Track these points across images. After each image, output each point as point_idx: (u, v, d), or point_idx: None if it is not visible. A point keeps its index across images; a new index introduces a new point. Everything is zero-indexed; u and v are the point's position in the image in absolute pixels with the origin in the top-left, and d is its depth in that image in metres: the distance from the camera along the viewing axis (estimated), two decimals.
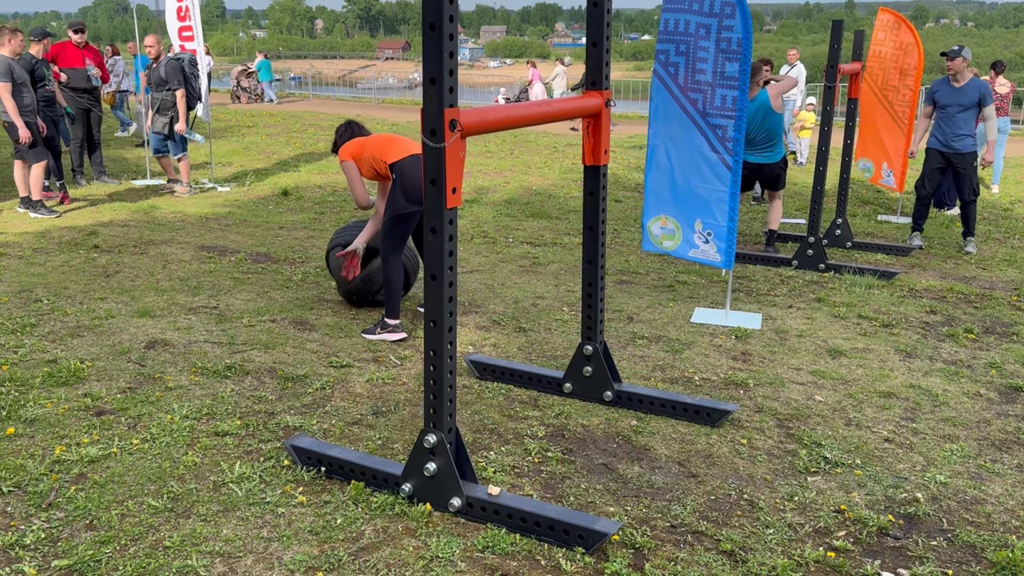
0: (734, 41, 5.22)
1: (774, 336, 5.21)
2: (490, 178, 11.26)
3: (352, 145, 5.03)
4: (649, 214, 5.71)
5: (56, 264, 6.46)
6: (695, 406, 3.96)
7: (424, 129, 2.85)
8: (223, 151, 12.97)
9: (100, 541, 2.86)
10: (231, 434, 3.69)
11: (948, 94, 7.41)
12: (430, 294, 2.99)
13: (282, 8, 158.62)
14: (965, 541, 3.00)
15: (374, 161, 4.95)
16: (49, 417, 3.78)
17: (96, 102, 9.85)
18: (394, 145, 4.95)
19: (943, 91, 7.47)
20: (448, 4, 2.76)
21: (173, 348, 4.72)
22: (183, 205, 9.06)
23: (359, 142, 5.02)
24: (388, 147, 4.94)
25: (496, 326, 5.28)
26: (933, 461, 3.61)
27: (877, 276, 6.66)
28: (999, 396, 4.35)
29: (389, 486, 3.21)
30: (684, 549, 2.91)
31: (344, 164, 5.03)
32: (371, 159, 4.96)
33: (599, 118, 3.81)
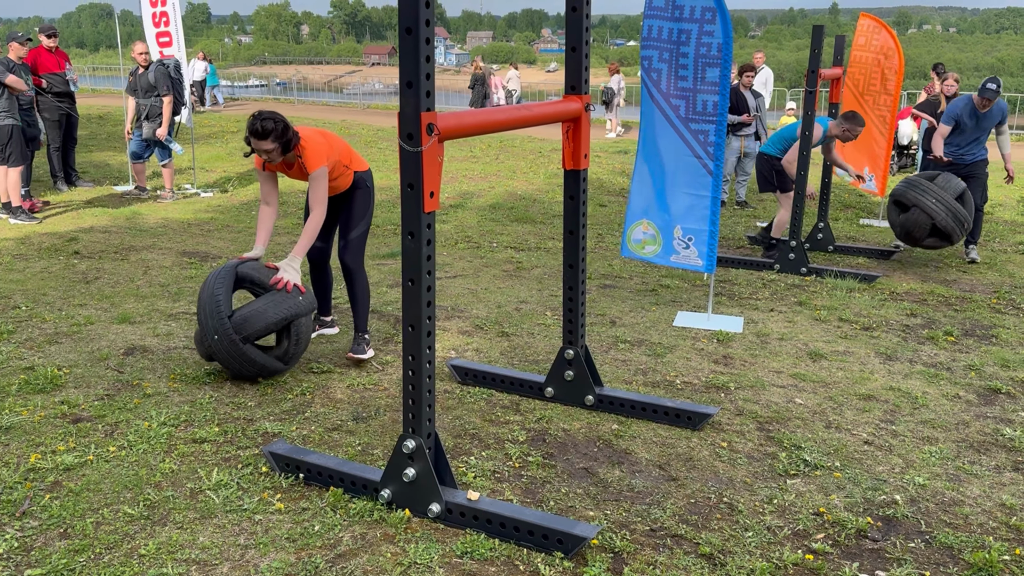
0: (714, 47, 5.24)
1: (755, 339, 5.23)
2: (475, 183, 11.26)
3: (322, 148, 4.33)
4: (630, 220, 5.72)
5: (35, 270, 6.41)
6: (676, 409, 3.96)
7: (401, 133, 2.84)
8: (206, 156, 12.91)
9: (74, 550, 2.83)
10: (209, 441, 3.66)
11: (973, 121, 7.25)
12: (409, 299, 2.97)
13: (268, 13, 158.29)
14: (943, 543, 3.01)
15: (337, 167, 4.45)
16: (25, 425, 3.74)
17: (74, 106, 9.79)
18: (354, 152, 4.58)
19: (968, 118, 7.26)
20: (424, 8, 2.75)
21: (152, 354, 4.68)
22: (165, 211, 9.02)
23: (324, 144, 4.35)
24: (351, 153, 4.54)
25: (479, 331, 5.28)
26: (912, 463, 3.63)
27: (858, 279, 6.70)
28: (978, 398, 4.37)
29: (368, 492, 3.19)
30: (663, 553, 2.91)
31: (321, 171, 4.30)
32: (337, 165, 4.45)
33: (579, 122, 3.81)
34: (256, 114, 4.17)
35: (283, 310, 4.19)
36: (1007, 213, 9.65)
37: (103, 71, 36.50)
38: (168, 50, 9.60)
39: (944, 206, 6.75)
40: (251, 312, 4.15)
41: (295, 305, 4.23)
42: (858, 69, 8.59)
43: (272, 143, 4.15)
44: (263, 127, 4.12)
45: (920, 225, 6.82)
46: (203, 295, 4.16)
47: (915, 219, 6.83)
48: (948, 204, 6.74)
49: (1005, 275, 7.05)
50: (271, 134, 4.14)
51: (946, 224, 6.73)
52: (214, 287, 4.14)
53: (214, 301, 4.10)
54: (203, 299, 4.15)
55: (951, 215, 6.73)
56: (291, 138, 4.21)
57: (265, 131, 4.13)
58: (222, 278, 4.18)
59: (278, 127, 4.15)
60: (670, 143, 5.47)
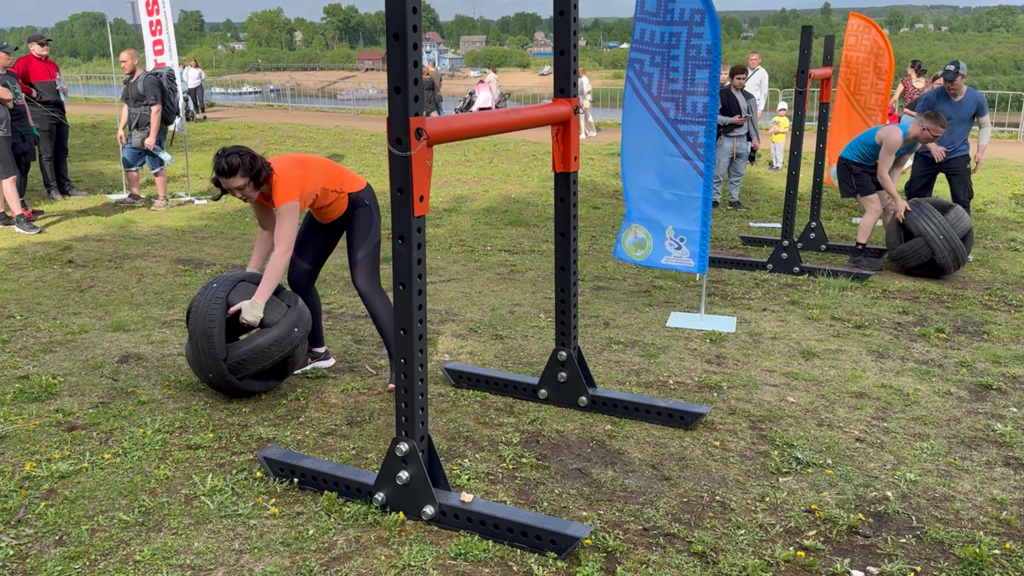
0: (704, 48, 5.27)
1: (748, 339, 5.25)
2: (469, 187, 11.28)
3: (294, 181, 3.97)
4: (625, 224, 5.74)
5: (30, 280, 6.41)
6: (668, 409, 3.98)
7: (390, 138, 2.86)
8: (201, 164, 12.93)
9: (69, 557, 2.84)
10: (204, 447, 3.67)
11: (947, 109, 7.40)
12: (400, 302, 2.99)
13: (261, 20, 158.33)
14: (934, 538, 3.03)
15: (325, 194, 4.17)
16: (20, 433, 3.75)
17: (64, 115, 9.80)
18: (344, 174, 4.27)
19: (942, 106, 7.46)
20: (412, 13, 2.78)
21: (147, 362, 4.69)
22: (159, 219, 9.03)
23: (297, 177, 4.00)
24: (341, 176, 4.24)
25: (473, 334, 5.29)
26: (903, 460, 3.65)
27: (851, 278, 6.73)
28: (969, 394, 4.40)
29: (362, 496, 3.21)
30: (656, 552, 2.93)
31: (290, 206, 3.94)
32: (320, 192, 4.14)
33: (568, 125, 3.83)
34: (220, 152, 3.90)
35: (283, 348, 4.03)
36: (999, 210, 9.69)
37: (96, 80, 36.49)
38: (160, 58, 9.61)
39: (949, 244, 6.65)
40: (250, 353, 3.96)
41: (293, 341, 4.06)
42: (849, 69, 8.63)
43: (242, 178, 3.88)
44: (228, 164, 3.86)
45: (919, 256, 6.77)
46: (196, 328, 3.94)
47: (915, 249, 6.76)
48: (953, 243, 6.66)
49: (997, 272, 7.08)
50: (238, 169, 3.86)
51: (944, 262, 6.69)
52: (207, 323, 3.91)
53: (208, 339, 3.91)
54: (196, 333, 3.94)
55: (952, 253, 6.67)
56: (261, 169, 3.92)
57: (231, 167, 3.85)
58: (214, 310, 3.93)
59: (244, 160, 3.87)
60: (660, 145, 5.49)
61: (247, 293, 4.08)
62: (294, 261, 4.44)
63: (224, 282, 4.09)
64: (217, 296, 4.01)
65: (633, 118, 5.54)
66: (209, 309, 3.97)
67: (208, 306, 3.98)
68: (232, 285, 4.09)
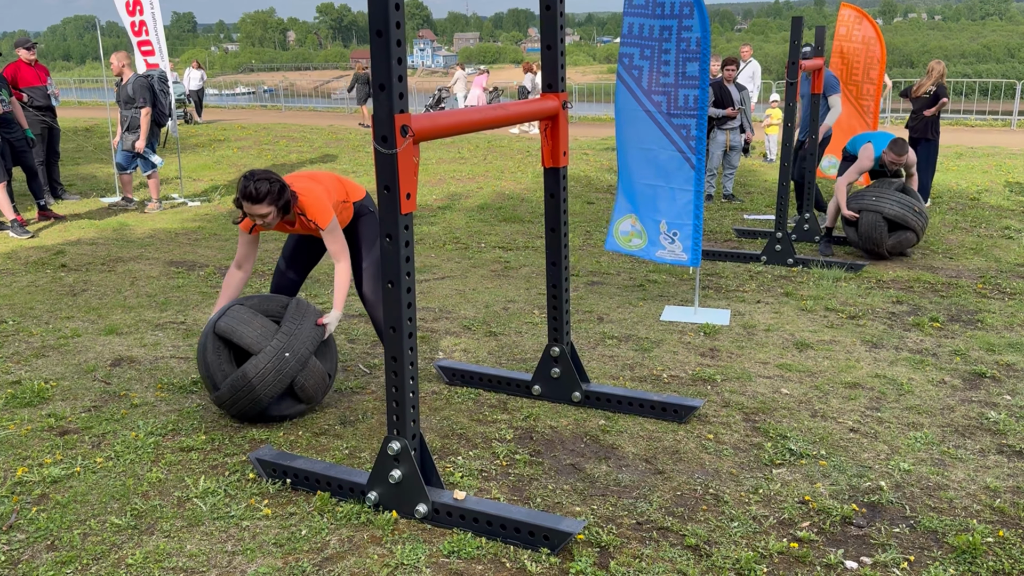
0: (693, 41, 5.26)
1: (742, 331, 5.25)
2: (463, 184, 11.27)
3: (322, 196, 3.92)
4: (618, 214, 5.74)
5: (22, 284, 6.40)
6: (662, 403, 3.97)
7: (376, 136, 2.85)
8: (193, 166, 12.90)
9: (61, 561, 2.83)
10: (196, 449, 3.66)
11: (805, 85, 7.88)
12: (389, 301, 2.98)
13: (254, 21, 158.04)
14: (927, 527, 3.03)
15: (336, 206, 4.10)
16: (12, 439, 3.74)
17: (55, 119, 9.77)
18: (347, 183, 4.24)
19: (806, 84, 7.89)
20: (394, 11, 2.76)
21: (139, 365, 4.68)
22: (152, 221, 9.00)
23: (322, 189, 3.98)
24: (345, 186, 4.21)
25: (467, 331, 5.28)
26: (897, 449, 3.65)
27: (845, 269, 6.73)
28: (963, 383, 4.39)
29: (355, 495, 3.20)
30: (649, 545, 2.92)
31: (333, 223, 3.91)
32: (336, 204, 4.10)
33: (556, 120, 3.82)
34: (248, 175, 3.75)
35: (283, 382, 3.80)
36: (993, 198, 9.69)
37: (89, 83, 36.40)
38: (151, 59, 9.57)
39: (888, 197, 6.87)
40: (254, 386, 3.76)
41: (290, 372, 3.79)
42: (841, 59, 8.62)
43: (268, 206, 3.72)
44: (256, 189, 3.69)
45: (875, 225, 6.90)
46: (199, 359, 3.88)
47: (868, 221, 6.93)
48: (891, 195, 6.88)
49: (991, 260, 7.08)
50: (266, 197, 3.70)
51: (896, 212, 6.83)
52: (207, 358, 3.82)
53: (208, 379, 3.84)
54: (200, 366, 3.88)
55: (897, 203, 6.85)
56: (289, 199, 3.79)
57: (259, 193, 3.69)
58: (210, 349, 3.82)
59: (274, 188, 3.72)
60: (652, 139, 5.49)
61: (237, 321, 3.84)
62: (281, 271, 4.35)
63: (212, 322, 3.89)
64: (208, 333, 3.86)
65: (625, 112, 5.54)
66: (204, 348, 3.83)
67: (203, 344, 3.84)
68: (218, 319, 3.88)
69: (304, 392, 3.89)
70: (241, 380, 3.74)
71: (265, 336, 3.81)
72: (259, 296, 4.03)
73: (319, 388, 3.95)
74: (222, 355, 3.83)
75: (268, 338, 3.81)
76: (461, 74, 20.96)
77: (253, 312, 3.90)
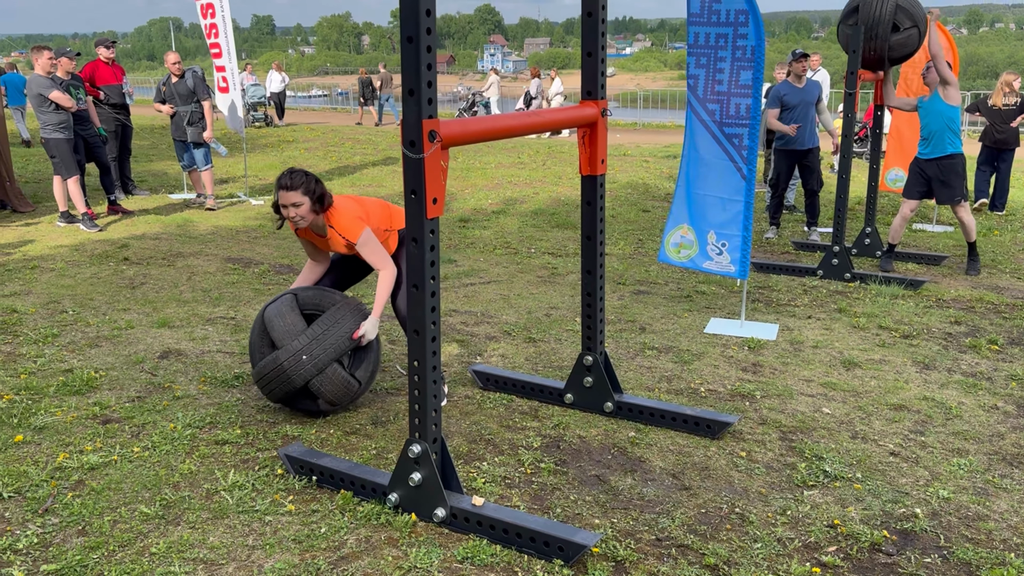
0: (748, 49, 5.18)
1: (788, 347, 5.12)
2: (520, 189, 11.28)
3: (355, 210, 4.01)
4: (671, 224, 5.67)
5: (86, 276, 6.64)
6: (695, 417, 3.90)
7: (404, 140, 2.87)
8: (260, 165, 13.21)
9: (89, 547, 2.92)
10: (230, 442, 3.74)
11: (794, 94, 7.87)
12: (413, 304, 3.00)
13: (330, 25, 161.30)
14: (961, 558, 2.90)
15: (379, 233, 4.10)
16: (57, 425, 3.88)
17: (128, 117, 10.12)
18: (393, 211, 4.23)
19: (789, 93, 7.90)
20: (425, 17, 2.78)
21: (186, 358, 4.81)
22: (216, 218, 9.25)
23: (357, 208, 4.04)
24: (391, 214, 4.21)
25: (507, 336, 5.28)
26: (938, 476, 3.51)
27: (904, 286, 6.51)
28: (1017, 409, 4.20)
29: (377, 495, 3.23)
30: (667, 563, 2.87)
31: (366, 234, 3.95)
32: (377, 232, 4.09)
33: (595, 128, 3.79)
34: (286, 170, 3.99)
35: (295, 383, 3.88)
36: None
37: None
38: (219, 61, 9.84)
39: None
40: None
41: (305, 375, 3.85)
42: (911, 69, 8.36)
43: (302, 195, 3.86)
44: (291, 178, 3.89)
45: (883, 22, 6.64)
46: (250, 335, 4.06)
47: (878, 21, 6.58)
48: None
49: None
50: (300, 185, 3.87)
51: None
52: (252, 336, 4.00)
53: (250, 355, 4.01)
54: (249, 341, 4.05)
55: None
56: (324, 194, 3.92)
57: (293, 182, 3.88)
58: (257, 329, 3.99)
59: (309, 180, 3.89)
60: (708, 147, 5.43)
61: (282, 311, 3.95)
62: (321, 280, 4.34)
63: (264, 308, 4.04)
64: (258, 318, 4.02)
65: (688, 121, 5.51)
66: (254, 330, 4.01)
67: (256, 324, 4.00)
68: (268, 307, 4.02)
69: (321, 395, 3.93)
70: (261, 370, 3.91)
71: (290, 334, 3.89)
72: (316, 289, 4.07)
73: (339, 394, 3.95)
74: (264, 338, 3.96)
75: (293, 337, 3.88)
76: (495, 79, 21.25)
77: (292, 306, 3.97)
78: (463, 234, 8.46)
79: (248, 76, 20.90)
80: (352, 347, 3.96)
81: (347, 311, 3.99)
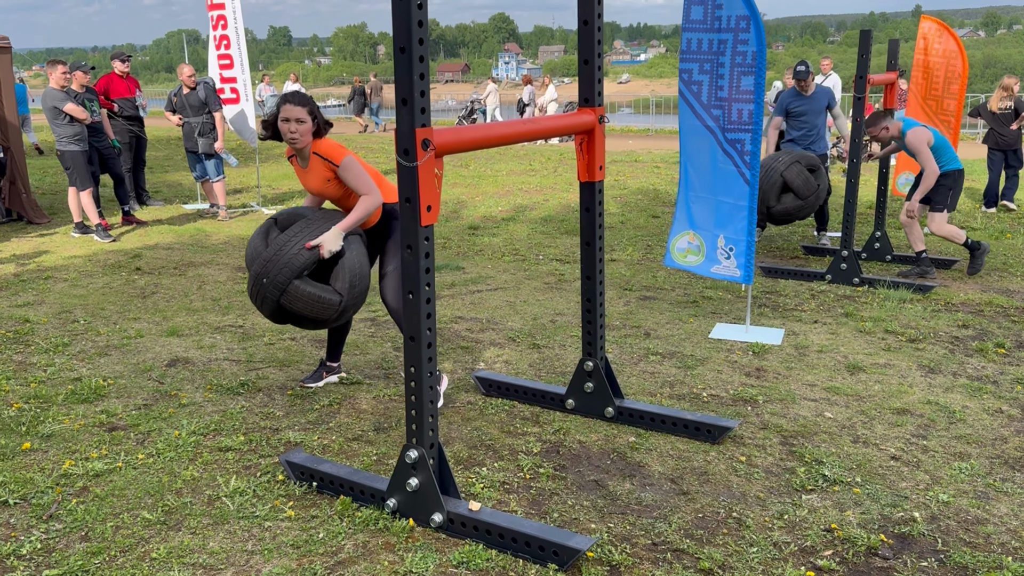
0: (749, 55, 5.18)
1: (793, 352, 5.11)
2: (530, 196, 11.31)
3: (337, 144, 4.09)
4: (676, 230, 5.68)
5: (98, 286, 6.73)
6: (696, 422, 3.91)
7: (398, 149, 2.91)
8: (274, 175, 13.32)
9: (91, 552, 2.96)
10: (233, 449, 3.78)
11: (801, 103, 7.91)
12: (409, 311, 3.03)
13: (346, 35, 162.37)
14: (957, 562, 2.89)
15: None
16: (64, 433, 3.94)
17: (143, 129, 10.24)
18: (382, 181, 4.27)
19: (794, 100, 7.96)
20: (417, 27, 2.82)
21: (193, 366, 4.87)
22: (229, 228, 9.34)
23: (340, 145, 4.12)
24: (380, 182, 4.25)
25: (511, 343, 5.30)
26: (939, 479, 3.49)
27: (912, 290, 6.48)
28: (1021, 413, 4.17)
29: (375, 501, 3.25)
30: (661, 567, 2.88)
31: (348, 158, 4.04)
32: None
33: (593, 135, 3.82)
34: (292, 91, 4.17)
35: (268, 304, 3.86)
36: None
37: None
38: (229, 72, 9.94)
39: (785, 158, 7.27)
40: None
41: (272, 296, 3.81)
42: (920, 73, 8.34)
43: (307, 114, 3.95)
44: (301, 97, 4.01)
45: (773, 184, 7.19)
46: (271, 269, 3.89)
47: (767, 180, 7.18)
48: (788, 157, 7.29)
49: None
50: (308, 105, 3.99)
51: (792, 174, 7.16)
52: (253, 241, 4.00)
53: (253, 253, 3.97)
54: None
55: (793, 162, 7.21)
56: (324, 124, 4.04)
57: (303, 100, 4.00)
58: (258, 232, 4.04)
59: (315, 105, 4.03)
60: (712, 153, 5.44)
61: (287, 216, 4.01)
62: None
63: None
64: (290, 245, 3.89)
65: (686, 127, 5.51)
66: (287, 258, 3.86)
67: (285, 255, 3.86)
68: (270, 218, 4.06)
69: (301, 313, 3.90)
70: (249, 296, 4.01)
71: (252, 259, 3.95)
72: (293, 209, 4.07)
73: (315, 310, 3.88)
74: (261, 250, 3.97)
75: (253, 261, 3.93)
76: (493, 87, 21.44)
77: (261, 231, 4.03)
78: (472, 241, 8.49)
79: (266, 87, 21.08)
80: (313, 260, 3.86)
81: (306, 227, 3.92)
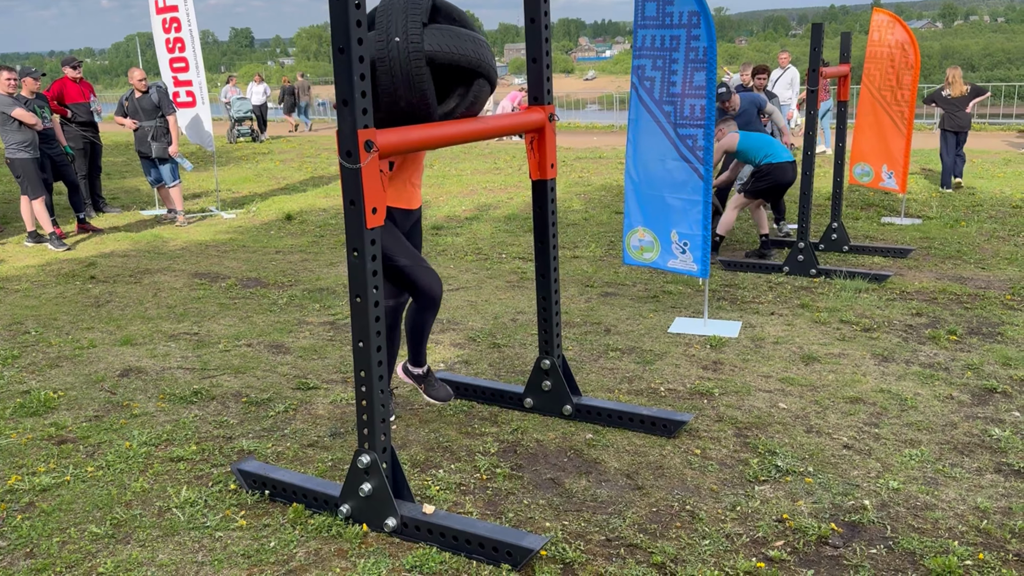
0: (701, 51, 5.21)
1: (749, 344, 5.15)
2: (495, 195, 11.30)
3: None
4: (627, 227, 5.70)
5: (51, 296, 6.60)
6: (651, 417, 3.92)
7: (340, 151, 2.88)
8: (234, 178, 13.18)
9: (36, 569, 2.90)
10: (185, 459, 3.73)
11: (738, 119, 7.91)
12: (356, 315, 3.00)
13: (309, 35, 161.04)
14: (905, 548, 2.93)
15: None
16: (11, 447, 3.86)
17: (97, 135, 10.07)
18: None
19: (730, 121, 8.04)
20: (356, 27, 2.79)
21: (146, 375, 4.79)
22: (187, 234, 9.22)
23: None
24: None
25: (471, 343, 5.29)
26: (889, 467, 3.53)
27: (868, 279, 6.56)
28: (971, 398, 4.24)
29: (328, 508, 3.22)
30: (615, 563, 2.88)
31: None
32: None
33: (543, 133, 3.81)
34: None
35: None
36: None
37: None
38: (184, 75, 9.81)
39: None
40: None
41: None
42: (873, 65, 8.43)
43: None
44: None
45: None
46: None
47: None
48: None
49: None
50: None
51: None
52: None
53: None
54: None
55: None
56: None
57: None
58: None
59: None
60: (665, 150, 5.45)
61: None
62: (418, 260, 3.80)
63: None
64: None
65: (638, 123, 5.52)
66: None
67: None
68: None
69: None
70: None
71: None
72: None
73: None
74: None
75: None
76: None
77: None
78: (435, 242, 8.46)
79: (232, 89, 20.68)
80: None
81: None
